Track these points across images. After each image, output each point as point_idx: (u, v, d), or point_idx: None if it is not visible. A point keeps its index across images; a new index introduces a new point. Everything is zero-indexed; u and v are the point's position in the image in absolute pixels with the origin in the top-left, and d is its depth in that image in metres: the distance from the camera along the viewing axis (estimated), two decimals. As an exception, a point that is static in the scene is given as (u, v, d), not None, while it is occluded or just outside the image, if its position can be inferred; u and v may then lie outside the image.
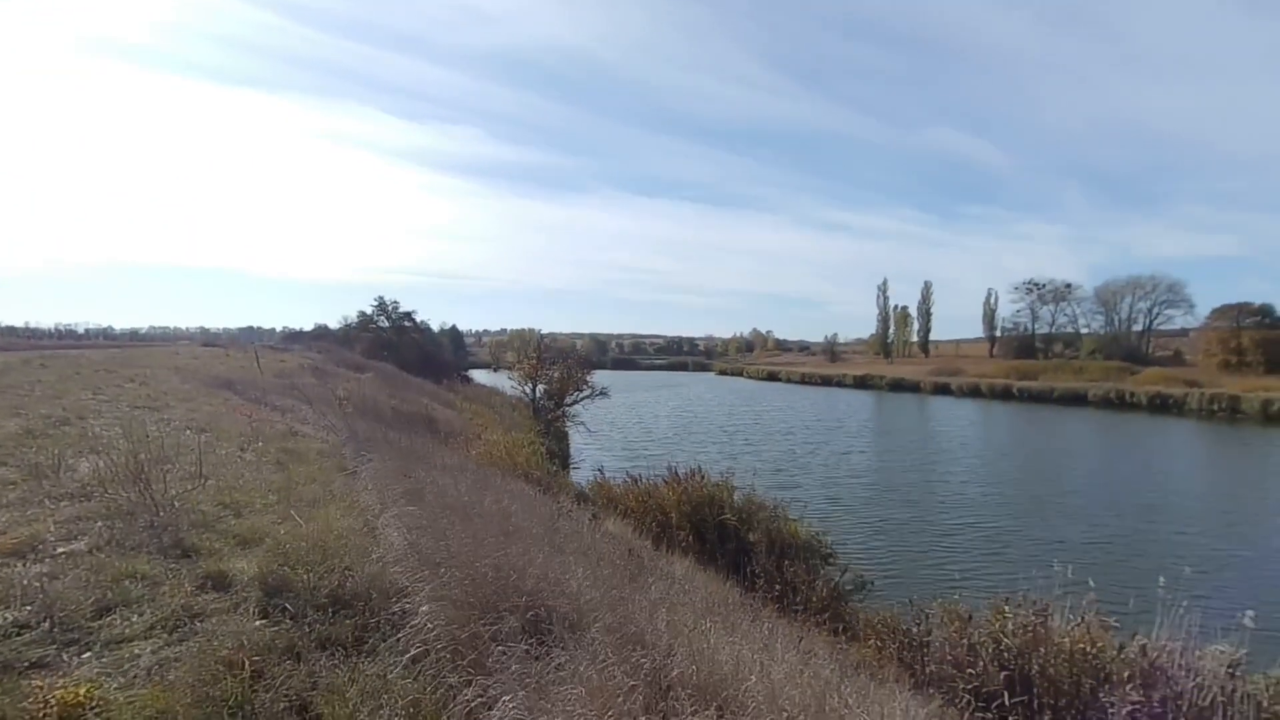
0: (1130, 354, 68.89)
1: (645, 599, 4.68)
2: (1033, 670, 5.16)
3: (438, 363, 36.93)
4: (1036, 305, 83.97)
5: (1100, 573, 8.83)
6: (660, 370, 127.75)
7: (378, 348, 33.19)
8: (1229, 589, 9.94)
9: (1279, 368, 53.24)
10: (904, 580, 10.34)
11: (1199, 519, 15.29)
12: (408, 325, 37.22)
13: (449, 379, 34.10)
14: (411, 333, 37.29)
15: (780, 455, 23.93)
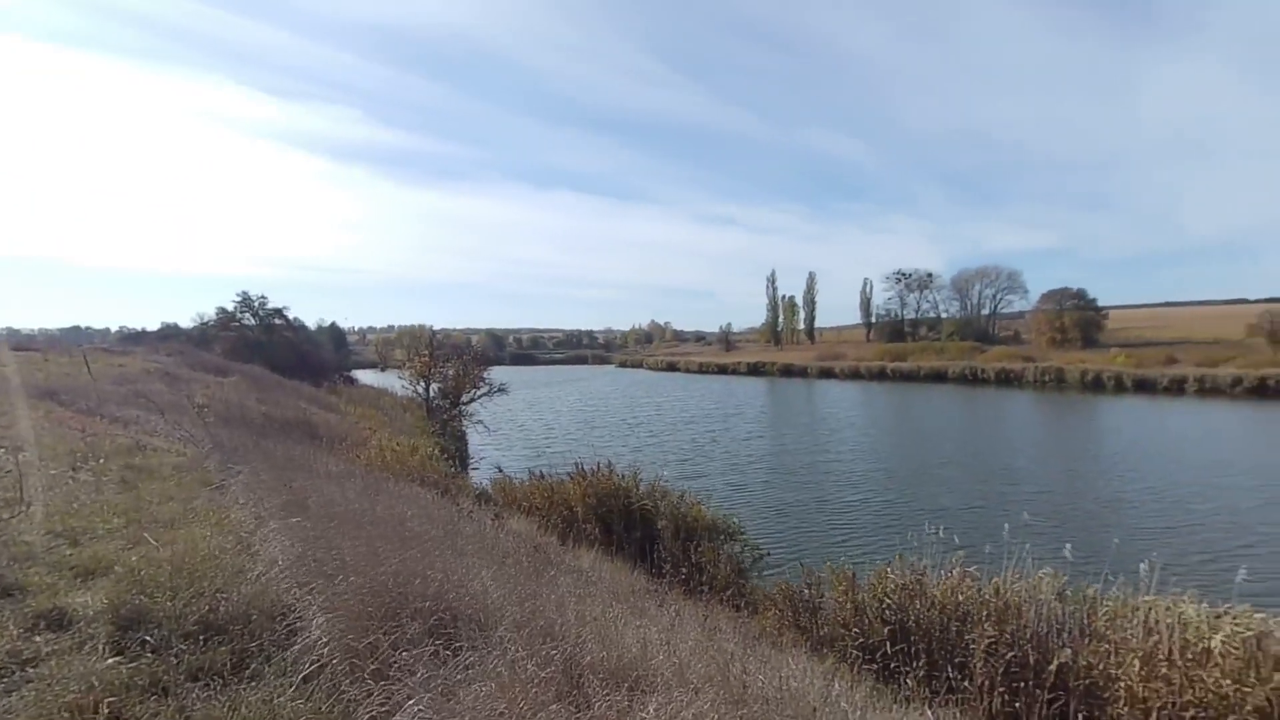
0: (981, 335, 78.31)
1: (554, 593, 4.66)
2: (910, 621, 5.74)
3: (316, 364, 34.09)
4: (904, 293, 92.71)
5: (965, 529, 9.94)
6: (560, 365, 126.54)
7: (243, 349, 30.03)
8: (1058, 529, 11.65)
9: (1093, 343, 62.83)
10: (802, 552, 11.06)
11: (1039, 475, 17.72)
12: (279, 323, 33.94)
13: (330, 381, 31.64)
14: (283, 331, 34.06)
15: (684, 444, 24.63)
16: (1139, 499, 14.97)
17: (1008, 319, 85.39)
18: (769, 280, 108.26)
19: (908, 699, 4.86)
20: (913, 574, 6.13)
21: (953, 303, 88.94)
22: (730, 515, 10.49)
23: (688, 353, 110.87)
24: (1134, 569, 5.43)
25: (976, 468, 19.01)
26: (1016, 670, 4.76)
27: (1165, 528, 12.75)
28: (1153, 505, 14.39)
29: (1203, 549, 11.32)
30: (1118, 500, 14.94)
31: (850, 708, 3.91)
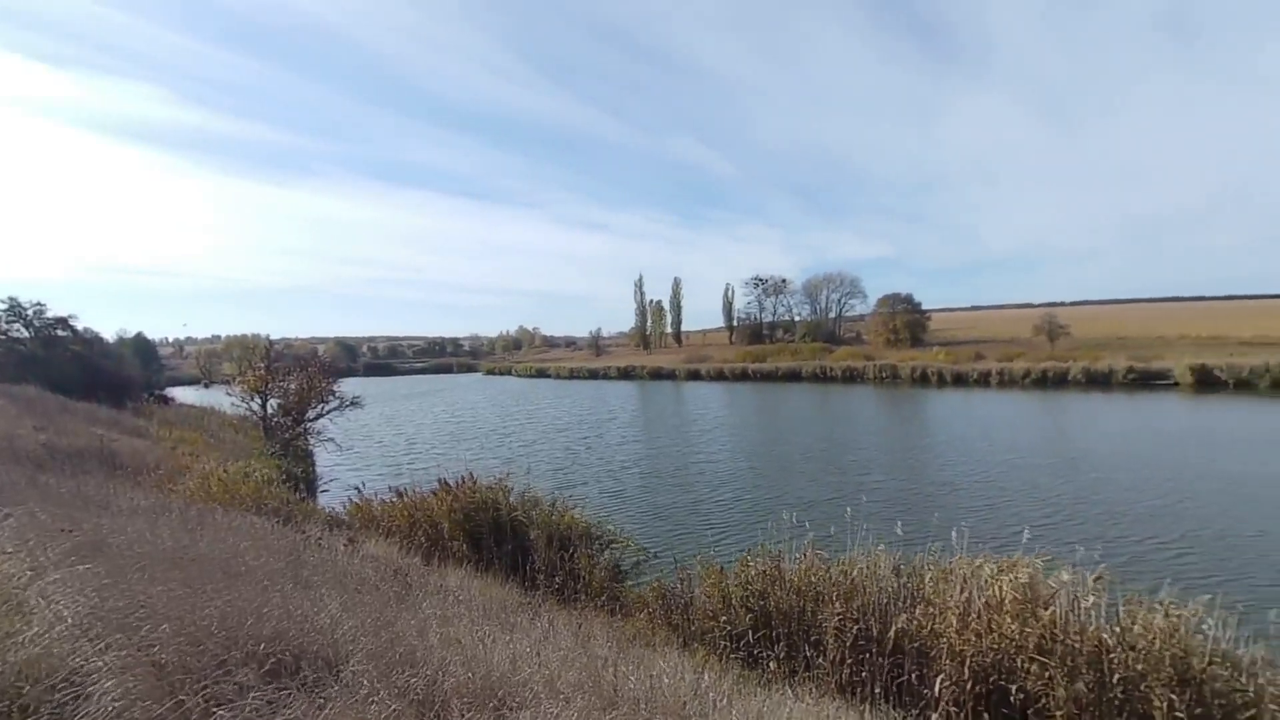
0: (829, 336, 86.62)
1: (415, 618, 4.41)
2: (771, 607, 6.18)
3: (116, 381, 28.92)
4: (762, 298, 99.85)
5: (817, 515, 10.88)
6: (422, 374, 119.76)
7: (11, 366, 24.77)
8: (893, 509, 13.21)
9: (920, 342, 72.00)
10: (678, 551, 11.40)
11: (877, 463, 19.94)
12: (63, 335, 28.42)
13: (137, 400, 27.16)
14: (68, 344, 28.54)
15: (558, 452, 24.42)
16: (955, 478, 17.40)
17: (851, 321, 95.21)
18: (637, 285, 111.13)
19: (770, 681, 5.22)
20: (772, 561, 6.63)
21: (804, 306, 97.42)
22: (606, 521, 10.59)
23: (558, 358, 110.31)
24: (949, 538, 6.33)
25: (826, 459, 20.95)
26: (863, 642, 5.32)
27: (974, 500, 14.94)
28: (965, 482, 16.80)
29: (1001, 516, 13.42)
30: (939, 480, 17.25)
31: (718, 697, 4.12)
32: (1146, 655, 4.13)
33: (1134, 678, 4.05)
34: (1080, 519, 13.09)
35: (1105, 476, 16.57)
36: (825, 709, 4.17)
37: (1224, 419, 26.92)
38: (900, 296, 77.63)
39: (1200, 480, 15.75)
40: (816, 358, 66.28)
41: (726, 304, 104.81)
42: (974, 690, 4.48)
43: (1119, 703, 4.04)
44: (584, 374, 79.97)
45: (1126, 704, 4.03)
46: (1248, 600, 8.68)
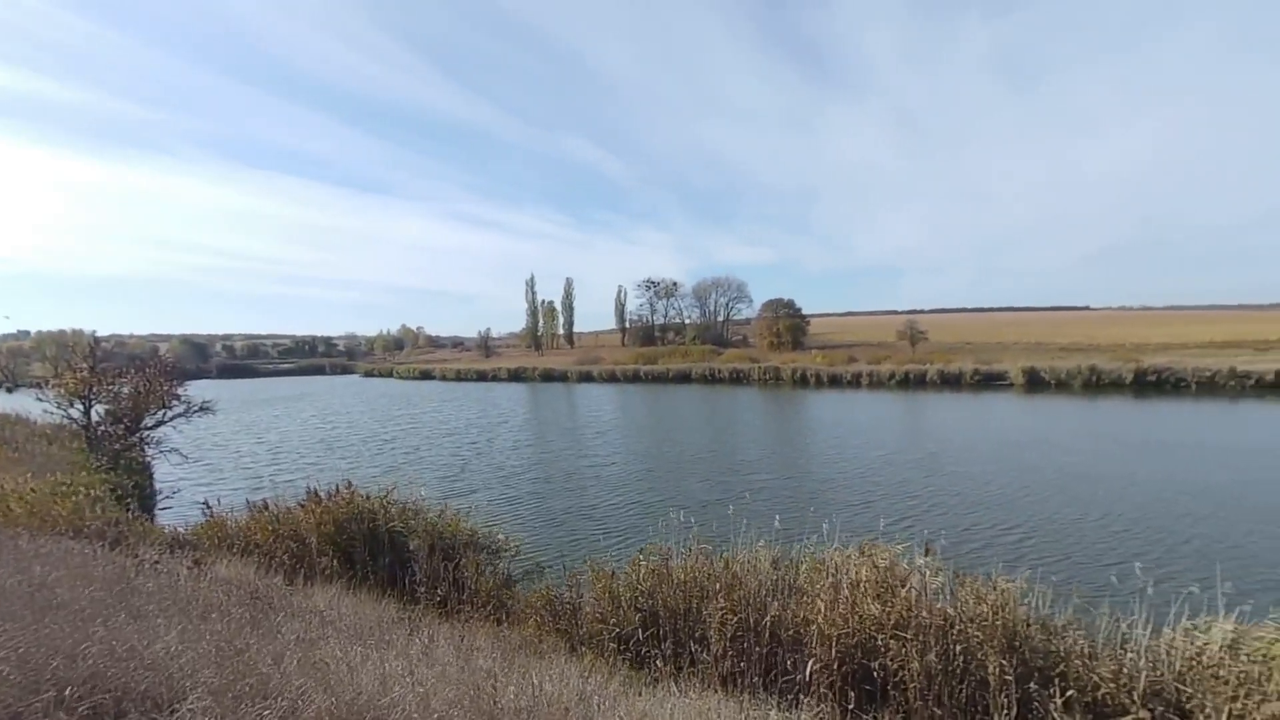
0: (717, 339, 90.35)
1: (273, 644, 4.04)
2: (659, 606, 6.32)
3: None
4: (654, 300, 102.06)
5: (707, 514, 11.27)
6: (290, 376, 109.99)
7: None
8: (774, 504, 14.05)
9: (800, 345, 77.00)
10: (572, 556, 11.33)
11: (759, 460, 21.07)
12: None
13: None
14: None
15: (446, 458, 23.39)
16: (830, 474, 18.80)
17: (738, 325, 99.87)
18: (529, 285, 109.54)
19: (657, 680, 5.35)
20: (660, 560, 6.79)
21: (694, 309, 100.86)
22: (497, 528, 10.32)
23: (445, 359, 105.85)
24: (822, 530, 6.83)
25: (715, 459, 21.81)
26: (742, 634, 5.58)
27: (847, 494, 16.22)
28: (839, 477, 18.19)
29: (871, 507, 14.68)
30: (816, 477, 18.56)
31: (603, 700, 4.15)
32: (983, 626, 4.70)
33: (973, 647, 4.59)
34: (940, 508, 14.62)
35: (961, 470, 18.65)
36: (708, 702, 4.33)
37: (1049, 416, 31.27)
38: (783, 301, 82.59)
39: (1033, 472, 18.19)
40: (706, 360, 68.94)
41: (619, 306, 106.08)
42: (841, 670, 4.86)
43: (961, 670, 4.55)
44: (472, 375, 77.36)
45: (967, 670, 4.55)
46: (1064, 573, 10.16)
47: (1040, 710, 4.05)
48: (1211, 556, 10.67)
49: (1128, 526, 12.72)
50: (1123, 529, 12.58)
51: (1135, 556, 10.41)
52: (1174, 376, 40.54)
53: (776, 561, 6.54)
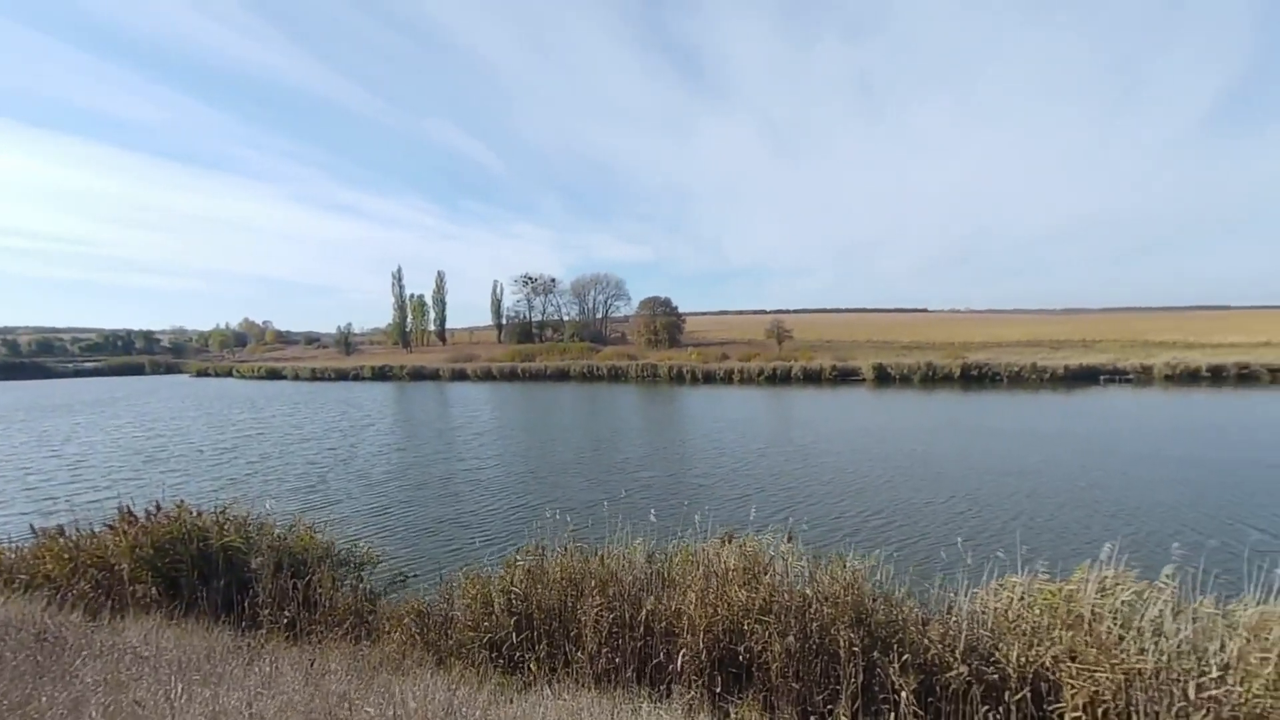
0: (596, 336, 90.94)
1: (69, 691, 3.46)
2: (533, 608, 6.24)
3: None
4: (531, 296, 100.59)
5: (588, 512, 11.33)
6: (96, 376, 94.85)
7: None
8: (651, 499, 14.46)
9: (677, 343, 79.63)
10: (444, 564, 10.82)
11: (637, 456, 21.52)
12: None
13: None
14: None
15: (301, 467, 21.30)
16: (704, 468, 19.64)
17: (617, 322, 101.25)
18: (395, 277, 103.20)
19: (529, 684, 5.27)
20: (535, 559, 6.71)
21: (573, 306, 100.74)
22: (361, 540, 9.61)
23: (298, 357, 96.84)
24: (695, 523, 7.13)
25: (595, 458, 21.95)
26: (617, 629, 5.67)
27: (721, 486, 17.04)
28: (713, 472, 19.06)
29: (743, 499, 15.53)
30: (691, 471, 19.30)
31: (472, 711, 4.02)
32: (836, 604, 5.14)
33: (827, 624, 5.02)
34: (805, 497, 15.79)
35: (823, 461, 20.27)
36: (581, 701, 4.34)
37: (896, 407, 34.96)
38: (660, 300, 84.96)
39: (884, 460, 20.22)
40: (584, 357, 69.12)
41: (495, 302, 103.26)
42: (710, 656, 5.10)
43: (817, 646, 4.96)
44: (330, 375, 71.38)
45: (821, 646, 4.97)
46: (906, 550, 11.42)
47: (882, 675, 4.53)
48: (1018, 526, 12.55)
49: (959, 504, 14.58)
50: (956, 507, 14.40)
51: (962, 531, 11.96)
52: (991, 371, 47.14)
53: (651, 556, 6.71)
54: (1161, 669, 3.97)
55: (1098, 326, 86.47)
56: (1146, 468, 17.85)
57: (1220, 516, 13.11)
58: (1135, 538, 11.61)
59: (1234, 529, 12.12)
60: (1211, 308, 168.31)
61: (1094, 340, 66.29)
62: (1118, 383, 43.16)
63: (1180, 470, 17.38)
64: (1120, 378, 44.47)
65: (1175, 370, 43.67)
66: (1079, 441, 22.06)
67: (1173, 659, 4.02)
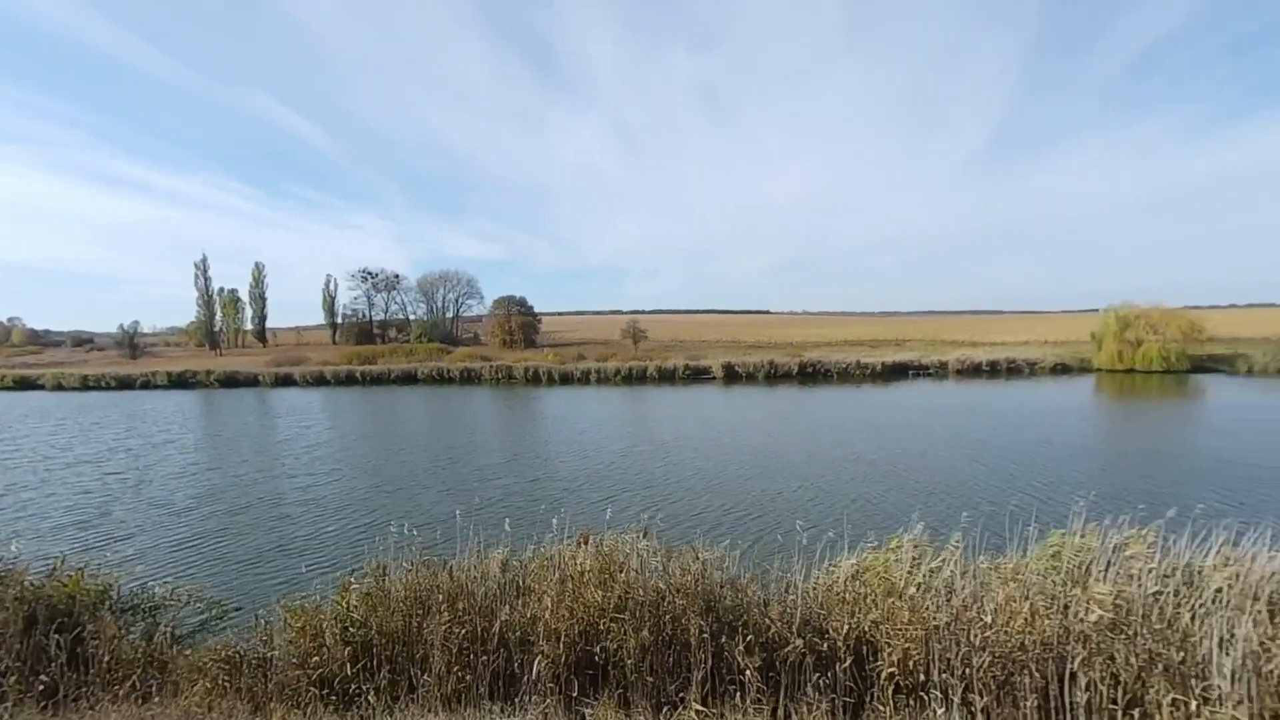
0: (446, 337, 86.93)
1: None
2: (373, 633, 5.78)
3: None
4: (372, 293, 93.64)
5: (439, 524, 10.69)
6: None
7: None
8: (506, 507, 14.12)
9: (533, 343, 78.62)
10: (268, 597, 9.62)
11: (493, 462, 20.91)
12: None
13: None
14: None
15: (73, 498, 17.69)
16: (563, 471, 19.60)
17: (469, 321, 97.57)
18: (199, 268, 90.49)
19: (366, 718, 4.89)
20: (376, 580, 6.24)
21: (420, 305, 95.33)
22: (156, 581, 8.26)
23: (61, 362, 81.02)
24: (551, 526, 7.07)
25: (450, 465, 20.95)
26: (469, 645, 5.45)
27: (586, 489, 17.10)
28: (573, 474, 19.08)
29: (608, 499, 15.71)
30: (549, 474, 19.16)
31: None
32: (687, 595, 5.38)
33: (679, 615, 5.23)
34: (663, 492, 16.33)
35: (679, 458, 21.12)
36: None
37: (744, 403, 37.46)
38: (515, 299, 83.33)
39: (734, 453, 21.55)
40: (434, 359, 65.74)
41: (328, 299, 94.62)
42: (567, 661, 5.09)
43: (670, 637, 5.15)
44: (110, 384, 60.53)
45: (674, 637, 5.17)
46: (752, 536, 12.28)
47: (729, 658, 4.82)
48: (850, 507, 14.07)
49: (803, 491, 15.99)
50: (800, 494, 15.77)
51: (802, 515, 13.12)
52: (824, 368, 52.42)
53: (506, 565, 6.55)
54: (952, 621, 4.67)
55: (908, 327, 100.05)
56: (948, 448, 20.91)
57: (996, 486, 15.74)
58: (938, 510, 13.53)
59: (1005, 495, 14.61)
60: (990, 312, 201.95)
61: (904, 340, 76.53)
62: (922, 376, 50.06)
63: (973, 450, 20.59)
64: (924, 372, 51.62)
65: (963, 365, 51.75)
66: (898, 429, 25.26)
67: (960, 611, 4.75)
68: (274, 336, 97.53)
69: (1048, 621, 4.57)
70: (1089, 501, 6.20)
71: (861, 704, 4.61)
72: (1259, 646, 4.00)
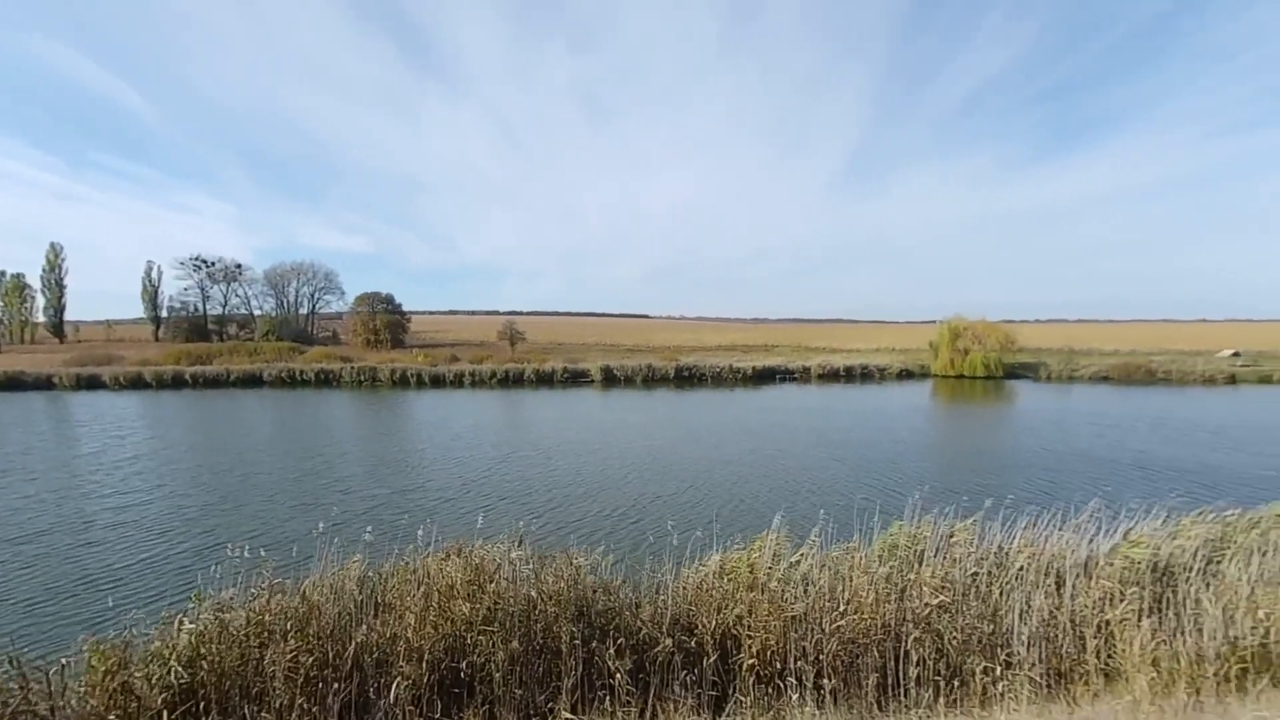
0: (299, 335, 79.75)
1: None
2: (204, 672, 5.17)
3: None
4: (207, 284, 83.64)
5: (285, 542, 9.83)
6: None
7: None
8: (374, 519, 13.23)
9: (400, 344, 74.40)
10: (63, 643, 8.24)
11: (352, 471, 19.50)
12: None
13: None
14: None
15: None
16: (437, 478, 18.72)
17: (327, 319, 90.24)
18: (-18, 247, 75.90)
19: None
20: (214, 610, 5.59)
21: (267, 299, 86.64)
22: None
23: None
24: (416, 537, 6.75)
25: (302, 475, 19.22)
26: (317, 674, 5.04)
27: (460, 499, 16.42)
28: (445, 482, 18.28)
29: (479, 508, 15.21)
30: (421, 483, 18.22)
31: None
32: (559, 601, 5.38)
33: (550, 622, 5.21)
34: (549, 501, 16.09)
35: (566, 463, 20.92)
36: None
37: (624, 407, 37.97)
38: (381, 296, 78.38)
39: (616, 458, 21.73)
40: (283, 358, 60.02)
41: (150, 289, 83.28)
42: (429, 680, 4.88)
43: (540, 646, 5.12)
44: None
45: (545, 645, 5.14)
46: (628, 539, 12.48)
47: (600, 662, 4.88)
48: (723, 506, 14.75)
49: (680, 492, 16.50)
50: (676, 495, 16.24)
51: (675, 517, 13.54)
52: (699, 372, 54.62)
53: (364, 581, 6.17)
54: (809, 611, 5.07)
55: (776, 334, 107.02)
56: (812, 448, 22.59)
57: (853, 481, 17.27)
58: (801, 506, 14.58)
59: (860, 490, 16.07)
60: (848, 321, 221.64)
61: (773, 346, 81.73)
62: (789, 381, 53.70)
63: (833, 449, 22.42)
64: (790, 377, 55.40)
65: (825, 370, 56.23)
66: (767, 430, 26.87)
67: (816, 601, 5.17)
68: (76, 331, 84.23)
69: (888, 606, 5.10)
70: (924, 494, 7.02)
71: (725, 696, 4.87)
72: (1048, 615, 4.74)
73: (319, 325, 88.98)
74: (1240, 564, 5.63)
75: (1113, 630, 4.69)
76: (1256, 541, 6.18)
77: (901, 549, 6.17)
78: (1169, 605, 4.99)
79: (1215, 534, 6.49)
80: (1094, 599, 4.89)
